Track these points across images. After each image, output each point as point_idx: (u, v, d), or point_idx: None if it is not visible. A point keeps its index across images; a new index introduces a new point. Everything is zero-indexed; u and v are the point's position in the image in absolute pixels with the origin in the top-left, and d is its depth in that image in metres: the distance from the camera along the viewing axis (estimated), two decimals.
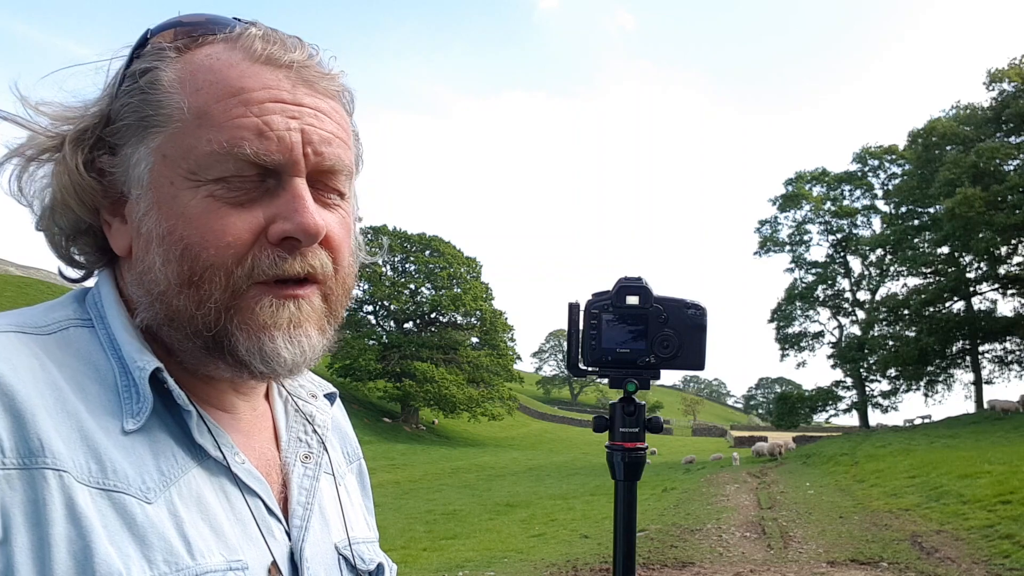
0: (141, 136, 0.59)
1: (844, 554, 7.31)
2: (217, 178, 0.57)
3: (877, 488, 11.54)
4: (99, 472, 0.53)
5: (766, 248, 37.00)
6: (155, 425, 0.58)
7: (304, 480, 0.67)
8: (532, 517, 11.78)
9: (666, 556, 7.49)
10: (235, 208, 0.58)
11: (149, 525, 0.54)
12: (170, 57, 0.60)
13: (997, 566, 6.33)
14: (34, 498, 0.50)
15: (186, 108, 0.57)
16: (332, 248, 0.62)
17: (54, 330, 0.59)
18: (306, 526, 0.65)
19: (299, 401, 0.73)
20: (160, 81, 0.59)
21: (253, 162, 0.57)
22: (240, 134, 0.57)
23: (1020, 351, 30.61)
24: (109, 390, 0.57)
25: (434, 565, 7.80)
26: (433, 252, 41.23)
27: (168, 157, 0.58)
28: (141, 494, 0.54)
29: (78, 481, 0.52)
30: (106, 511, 0.52)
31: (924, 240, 31.12)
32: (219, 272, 0.57)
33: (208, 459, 0.60)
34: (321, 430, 0.72)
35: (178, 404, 0.59)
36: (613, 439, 0.82)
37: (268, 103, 0.58)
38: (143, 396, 0.57)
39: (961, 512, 8.50)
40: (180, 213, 0.57)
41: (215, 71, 0.58)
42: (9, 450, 0.50)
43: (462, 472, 21.73)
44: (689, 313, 0.79)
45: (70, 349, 0.58)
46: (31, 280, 31.31)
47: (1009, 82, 27.53)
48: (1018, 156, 26.53)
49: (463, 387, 38.07)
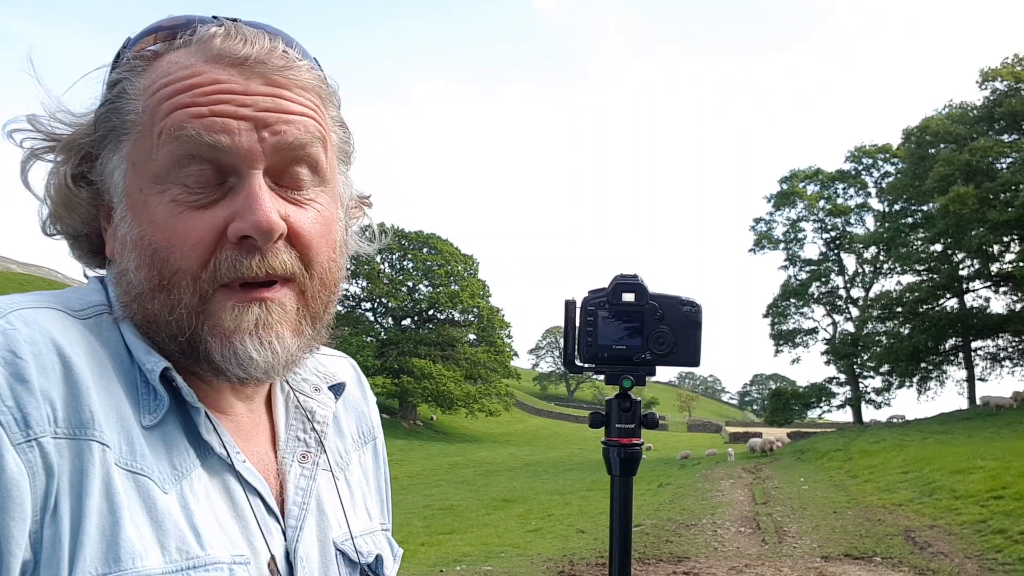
0: (114, 146, 0.60)
1: (838, 549, 7.35)
2: (177, 179, 0.57)
3: (871, 483, 11.60)
4: (130, 455, 0.55)
5: (761, 245, 37.08)
6: (168, 422, 0.59)
7: (300, 480, 0.67)
8: (529, 512, 11.80)
9: (662, 551, 7.52)
10: (197, 210, 0.57)
11: (167, 512, 0.55)
12: (140, 67, 0.60)
13: (989, 560, 6.39)
14: (80, 468, 0.51)
15: (141, 111, 0.58)
16: (301, 245, 0.60)
17: (91, 315, 0.60)
18: (301, 526, 0.65)
19: (301, 396, 0.73)
20: (126, 91, 0.60)
21: (200, 150, 0.56)
22: (183, 119, 0.56)
23: (1012, 348, 30.82)
24: (131, 383, 0.58)
25: (432, 560, 7.82)
26: (431, 249, 41.18)
27: (136, 163, 0.59)
28: (160, 483, 0.56)
29: (114, 460, 0.53)
30: (131, 493, 0.54)
31: (917, 238, 31.25)
32: (186, 276, 0.57)
33: (212, 457, 0.61)
34: (320, 427, 0.71)
35: (186, 402, 0.60)
36: (609, 435, 0.82)
37: (216, 95, 0.57)
38: (159, 394, 0.58)
39: (954, 507, 8.56)
40: (148, 218, 0.58)
41: (170, 74, 0.59)
42: (62, 419, 0.51)
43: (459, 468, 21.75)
44: (684, 310, 0.80)
45: (102, 336, 0.59)
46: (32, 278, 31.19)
47: (1002, 81, 27.64)
48: (1011, 154, 26.65)
49: (460, 383, 38.09)
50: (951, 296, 30.92)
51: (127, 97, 0.60)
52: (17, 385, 0.50)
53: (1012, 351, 30.83)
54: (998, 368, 31.20)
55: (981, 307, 30.86)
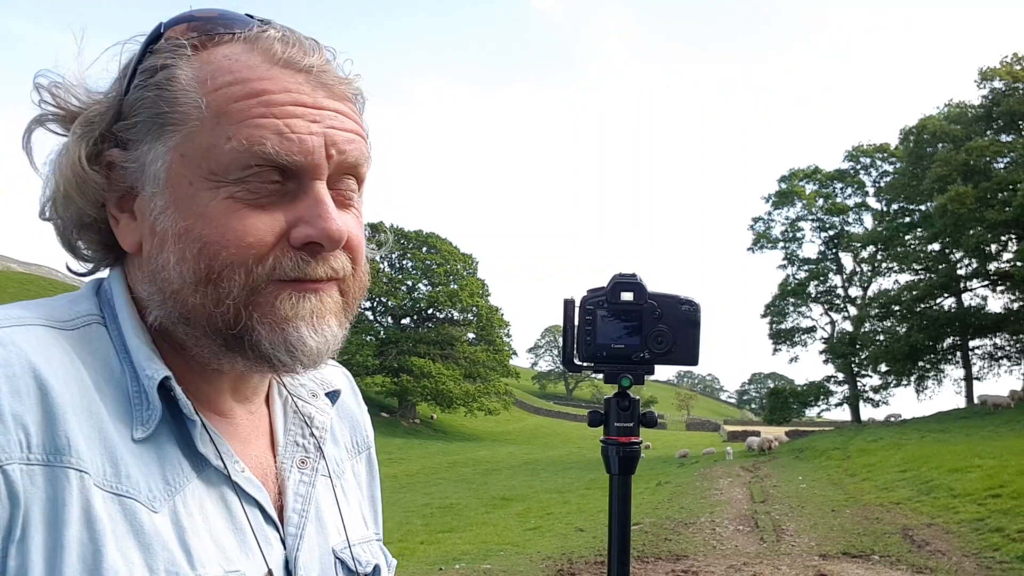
0: (157, 133, 0.58)
1: (836, 547, 7.37)
2: (238, 179, 0.57)
3: (869, 482, 11.63)
4: (114, 476, 0.53)
5: (759, 245, 37.15)
6: (162, 433, 0.58)
7: (300, 487, 0.67)
8: (528, 511, 11.82)
9: (660, 549, 7.54)
10: (256, 210, 0.58)
11: (155, 533, 0.54)
12: (186, 55, 0.58)
13: (987, 559, 6.40)
14: (54, 496, 0.50)
15: (204, 107, 0.57)
16: (352, 249, 0.62)
17: (79, 325, 0.58)
18: (301, 534, 0.65)
19: (299, 402, 0.72)
20: (177, 78, 0.58)
21: (275, 163, 0.57)
22: (261, 133, 0.57)
23: (1010, 347, 30.89)
24: (121, 394, 0.57)
25: (431, 558, 7.82)
26: (430, 249, 41.20)
27: (186, 156, 0.57)
28: (148, 502, 0.55)
29: (95, 484, 0.52)
30: (116, 516, 0.52)
31: (915, 237, 31.31)
32: (239, 270, 0.57)
33: (209, 468, 0.60)
34: (319, 432, 0.71)
35: (183, 412, 0.59)
36: (608, 434, 0.82)
37: (289, 106, 0.58)
38: (153, 405, 0.57)
39: (951, 506, 8.58)
40: (200, 213, 0.57)
41: (234, 72, 0.58)
42: (36, 445, 0.50)
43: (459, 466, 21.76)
44: (683, 309, 0.80)
45: (91, 347, 0.58)
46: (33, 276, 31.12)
47: (1000, 80, 27.67)
48: (1008, 154, 26.68)
49: (460, 382, 38.12)
50: (949, 295, 30.98)
51: (178, 86, 0.57)
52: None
53: (1009, 350, 30.91)
54: (996, 367, 31.31)
55: (979, 306, 30.93)
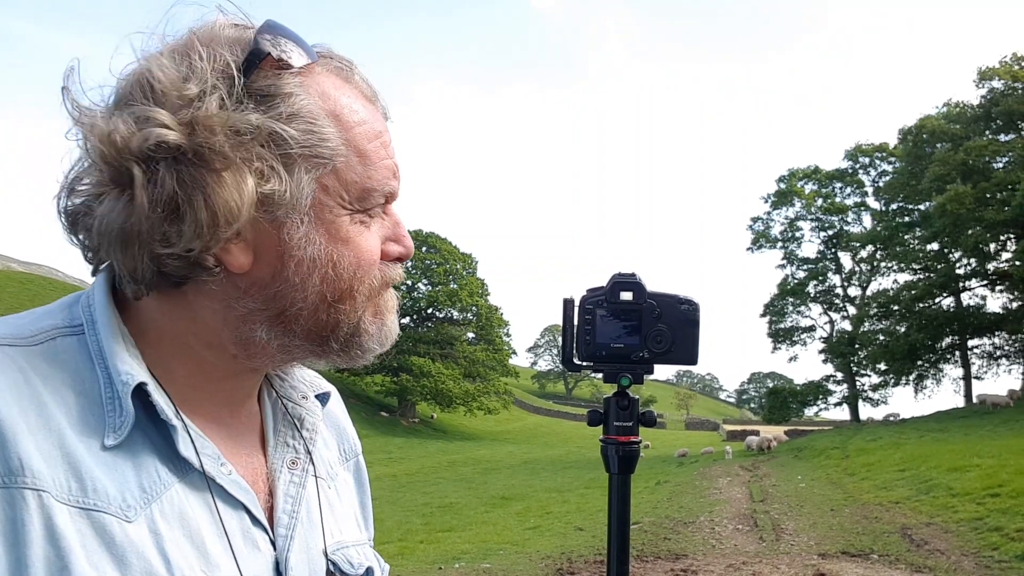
0: (303, 164, 0.59)
1: (835, 546, 7.38)
2: (366, 209, 0.64)
3: (868, 481, 11.65)
4: (79, 491, 0.53)
5: (759, 244, 37.16)
6: (137, 439, 0.57)
7: (290, 488, 0.67)
8: (527, 510, 11.83)
9: (659, 548, 7.55)
10: (368, 230, 0.65)
11: (128, 544, 0.53)
12: (298, 82, 0.60)
13: (986, 558, 6.41)
14: (12, 517, 0.50)
15: (344, 144, 0.62)
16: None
17: (40, 341, 0.58)
18: (291, 535, 0.65)
19: (289, 404, 0.72)
20: (310, 111, 0.59)
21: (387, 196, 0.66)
22: (386, 175, 0.64)
23: (1008, 346, 30.92)
24: (93, 403, 0.56)
25: (431, 557, 7.83)
26: (429, 248, 41.19)
27: (328, 188, 0.61)
28: (121, 512, 0.54)
29: (57, 500, 0.51)
30: (85, 530, 0.52)
31: (914, 237, 31.34)
32: (364, 284, 0.64)
33: (192, 472, 0.60)
34: (309, 434, 0.71)
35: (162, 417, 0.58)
36: (607, 433, 0.83)
37: (389, 144, 0.66)
38: (125, 410, 0.56)
39: (950, 505, 8.59)
40: (343, 239, 0.63)
41: (356, 111, 0.63)
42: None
43: (458, 465, 21.77)
44: (682, 309, 0.80)
45: (56, 361, 0.57)
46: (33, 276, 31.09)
47: (999, 80, 27.68)
48: (1007, 153, 26.70)
49: (459, 382, 38.11)
50: (948, 295, 31.02)
51: (315, 119, 0.59)
52: None
53: (1008, 349, 30.94)
54: (994, 366, 31.34)
55: (977, 305, 30.97)
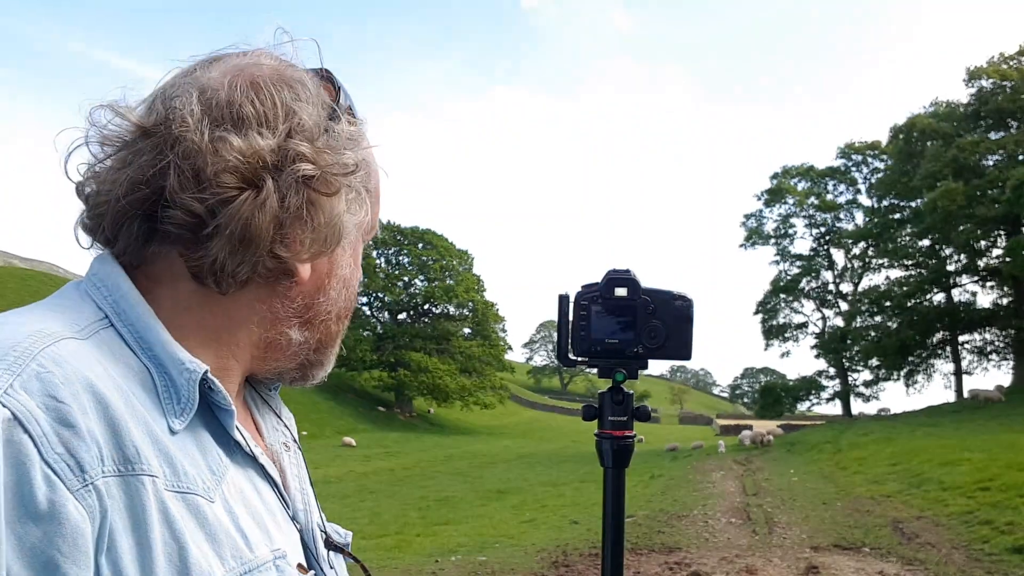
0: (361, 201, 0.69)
1: (827, 539, 7.44)
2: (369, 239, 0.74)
3: (859, 475, 11.73)
4: (172, 475, 0.55)
5: (752, 241, 37.21)
6: (197, 424, 0.59)
7: (293, 467, 0.71)
8: (523, 503, 11.84)
9: (654, 541, 7.59)
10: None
11: (217, 523, 0.56)
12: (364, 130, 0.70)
13: (976, 551, 6.48)
14: (133, 504, 0.51)
15: (373, 189, 0.72)
16: None
17: (91, 333, 0.58)
18: (308, 510, 0.69)
19: (262, 391, 0.75)
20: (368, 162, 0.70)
21: None
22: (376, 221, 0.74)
23: (999, 342, 31.18)
24: (149, 391, 0.57)
25: (427, 550, 7.84)
26: (426, 245, 41.06)
27: (360, 223, 0.70)
28: (206, 493, 0.56)
29: (164, 487, 0.54)
30: (184, 513, 0.54)
31: (905, 233, 31.49)
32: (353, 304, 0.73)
33: (238, 453, 0.62)
34: (286, 419, 0.76)
35: (215, 402, 0.60)
36: (602, 427, 0.83)
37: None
38: (185, 397, 0.58)
39: (941, 499, 8.67)
40: (355, 262, 0.72)
41: (372, 157, 0.71)
42: (108, 458, 0.51)
43: (455, 460, 21.76)
44: (676, 304, 0.81)
45: (107, 352, 0.57)
46: (34, 272, 30.85)
47: (988, 79, 27.78)
48: (998, 151, 26.83)
49: (456, 377, 38.09)
50: (939, 291, 31.20)
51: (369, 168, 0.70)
52: (64, 430, 0.49)
53: (998, 345, 31.19)
54: (985, 362, 31.59)
55: (968, 302, 31.17)
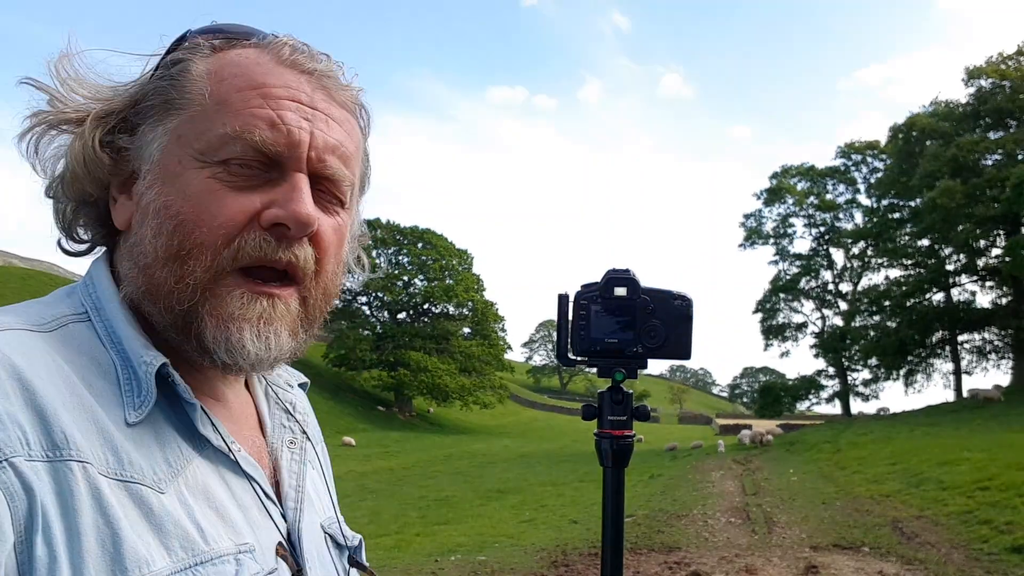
0: (161, 117, 0.61)
1: (827, 539, 7.45)
2: (222, 160, 0.59)
3: (859, 475, 11.74)
4: (116, 464, 0.54)
5: (751, 241, 37.25)
6: (158, 417, 0.59)
7: (292, 464, 0.70)
8: (523, 503, 11.86)
9: (653, 541, 7.60)
10: (234, 191, 0.59)
11: (164, 513, 0.55)
12: (204, 53, 0.63)
13: (975, 551, 6.48)
14: (62, 489, 0.51)
15: (208, 94, 0.60)
16: (320, 247, 0.63)
17: (55, 327, 0.59)
18: (300, 508, 0.68)
19: (278, 389, 0.75)
20: (189, 71, 0.62)
21: (259, 149, 0.59)
22: (253, 122, 0.59)
23: (998, 341, 31.19)
24: (112, 383, 0.58)
25: (427, 549, 7.84)
26: (425, 244, 41.09)
27: (182, 137, 0.60)
28: (155, 484, 0.56)
29: (100, 473, 0.53)
30: (125, 501, 0.54)
31: (905, 233, 31.51)
32: (207, 251, 0.58)
33: (208, 448, 0.62)
34: (301, 417, 0.75)
35: (180, 397, 0.60)
36: (601, 427, 0.83)
37: (285, 100, 0.61)
38: (145, 389, 0.58)
39: (941, 498, 8.68)
40: (181, 190, 0.59)
41: (241, 66, 0.62)
42: (35, 443, 0.51)
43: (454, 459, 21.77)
44: (676, 304, 0.81)
45: (72, 345, 0.59)
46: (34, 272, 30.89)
47: (987, 79, 27.79)
48: (997, 151, 26.83)
49: (455, 376, 38.13)
50: (938, 290, 31.22)
51: (189, 76, 0.61)
52: None
53: (997, 344, 31.21)
54: (984, 361, 31.61)
55: (967, 301, 31.19)
